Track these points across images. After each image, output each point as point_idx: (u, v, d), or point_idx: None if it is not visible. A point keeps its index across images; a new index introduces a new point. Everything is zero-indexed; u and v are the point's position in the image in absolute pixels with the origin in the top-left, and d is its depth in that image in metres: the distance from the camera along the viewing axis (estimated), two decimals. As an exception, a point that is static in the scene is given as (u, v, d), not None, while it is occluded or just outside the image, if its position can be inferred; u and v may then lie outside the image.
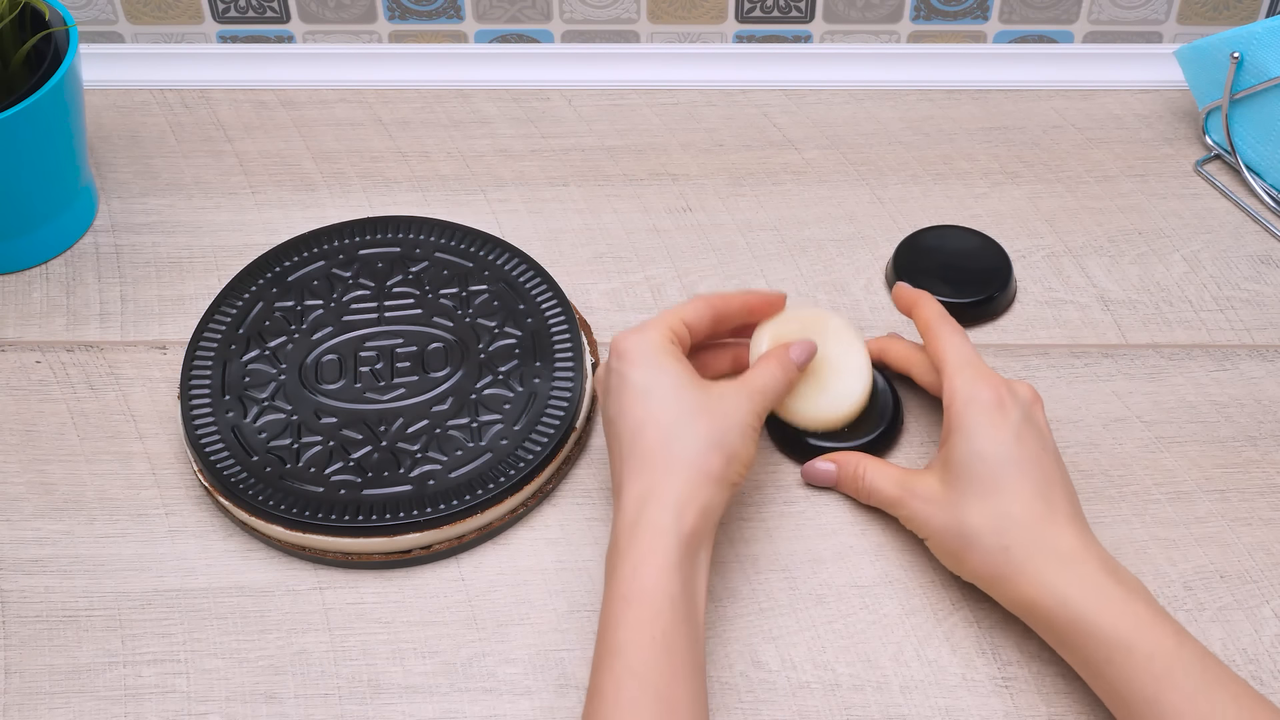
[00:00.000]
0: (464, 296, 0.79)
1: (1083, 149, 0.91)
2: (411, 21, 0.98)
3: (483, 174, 0.90)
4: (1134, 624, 0.61)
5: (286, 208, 0.89)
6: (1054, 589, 0.63)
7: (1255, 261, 0.85)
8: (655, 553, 0.62)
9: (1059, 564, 0.63)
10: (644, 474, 0.64)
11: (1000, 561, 0.64)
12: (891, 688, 0.66)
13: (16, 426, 0.77)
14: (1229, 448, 0.75)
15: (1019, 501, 0.65)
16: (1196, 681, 0.59)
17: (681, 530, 0.62)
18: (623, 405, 0.66)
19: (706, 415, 0.65)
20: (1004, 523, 0.64)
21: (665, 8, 0.97)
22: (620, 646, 0.60)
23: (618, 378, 0.67)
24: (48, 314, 0.83)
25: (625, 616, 0.60)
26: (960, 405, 0.67)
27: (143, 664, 0.68)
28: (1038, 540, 0.64)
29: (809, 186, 0.89)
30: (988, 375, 0.68)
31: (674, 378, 0.66)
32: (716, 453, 0.64)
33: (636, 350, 0.67)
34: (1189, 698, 0.59)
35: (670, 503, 0.63)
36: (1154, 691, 0.60)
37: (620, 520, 0.64)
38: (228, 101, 0.95)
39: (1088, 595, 0.62)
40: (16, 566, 0.71)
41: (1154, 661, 0.60)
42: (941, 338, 0.70)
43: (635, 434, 0.65)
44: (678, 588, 0.61)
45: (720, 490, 0.64)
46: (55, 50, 0.80)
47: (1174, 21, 0.97)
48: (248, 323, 0.78)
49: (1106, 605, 0.62)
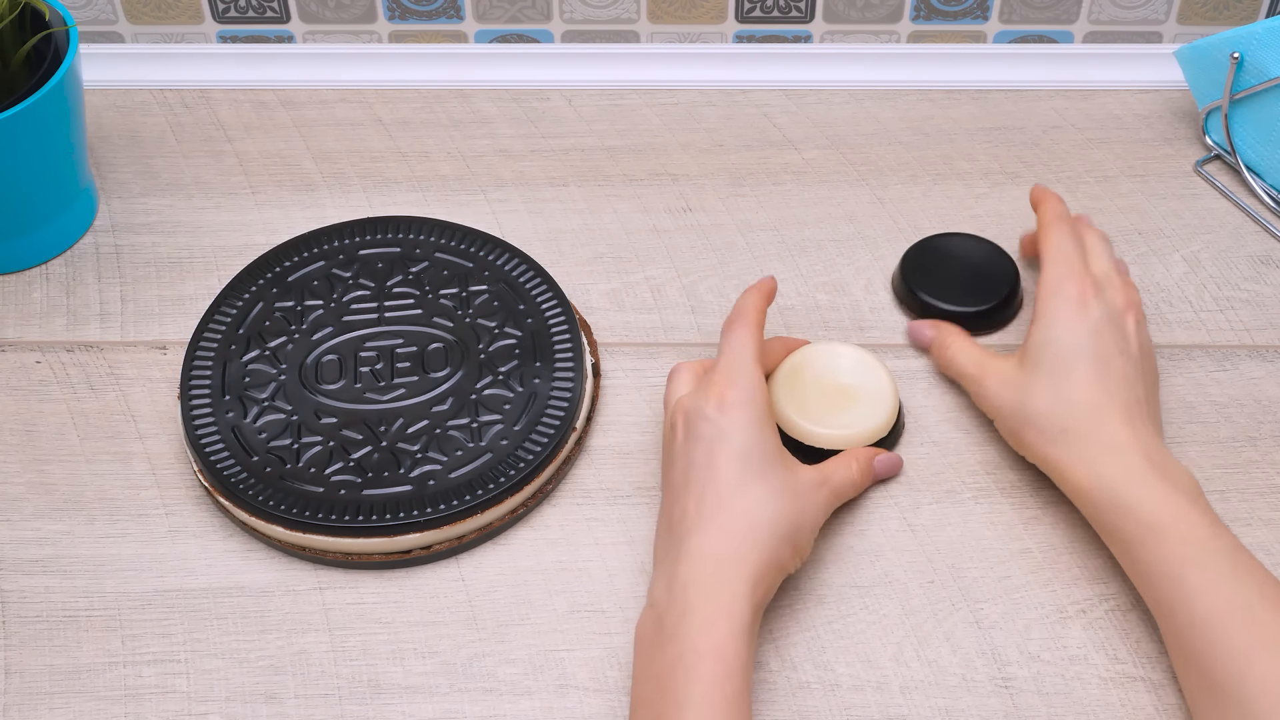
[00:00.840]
0: (464, 297, 0.79)
1: (1083, 149, 0.91)
2: (411, 21, 0.98)
3: (483, 174, 0.90)
4: (1171, 511, 0.64)
5: (286, 208, 0.89)
6: (1100, 474, 0.66)
7: (1255, 262, 0.85)
8: (732, 615, 0.61)
9: (1107, 452, 0.67)
10: (725, 537, 0.64)
11: (1057, 445, 0.68)
12: (891, 688, 0.66)
13: (16, 426, 0.77)
14: (1229, 448, 0.75)
15: (1081, 389, 0.68)
16: (1225, 568, 0.62)
17: (754, 603, 0.63)
18: (715, 460, 0.66)
19: (792, 504, 0.65)
20: (1063, 407, 0.68)
21: (665, 8, 0.97)
22: (693, 701, 0.59)
23: (715, 429, 0.66)
24: (48, 314, 0.83)
25: (699, 670, 0.60)
26: (1046, 295, 0.72)
27: (143, 664, 0.68)
28: (1093, 428, 0.68)
29: (809, 186, 0.89)
30: (1079, 273, 0.72)
31: (771, 451, 0.66)
32: (788, 545, 0.65)
33: (743, 411, 0.66)
34: (1214, 581, 0.62)
35: (749, 575, 0.63)
36: (1180, 571, 0.62)
37: (685, 570, 0.63)
38: (228, 101, 0.95)
39: (1131, 482, 0.65)
40: (16, 566, 0.71)
41: (1185, 545, 0.63)
42: (1049, 234, 0.74)
43: (720, 494, 0.65)
44: (746, 653, 0.61)
45: (779, 580, 0.66)
46: (55, 50, 0.80)
47: (1174, 21, 0.97)
48: (248, 323, 0.78)
49: (1147, 492, 0.65)
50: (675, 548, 0.64)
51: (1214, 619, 0.61)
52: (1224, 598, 0.61)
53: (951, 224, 0.87)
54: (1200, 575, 0.62)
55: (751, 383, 0.68)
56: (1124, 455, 0.66)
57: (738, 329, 0.70)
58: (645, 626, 0.63)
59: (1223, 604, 0.61)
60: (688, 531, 0.64)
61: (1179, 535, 0.63)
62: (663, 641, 0.61)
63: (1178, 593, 0.62)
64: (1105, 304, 0.71)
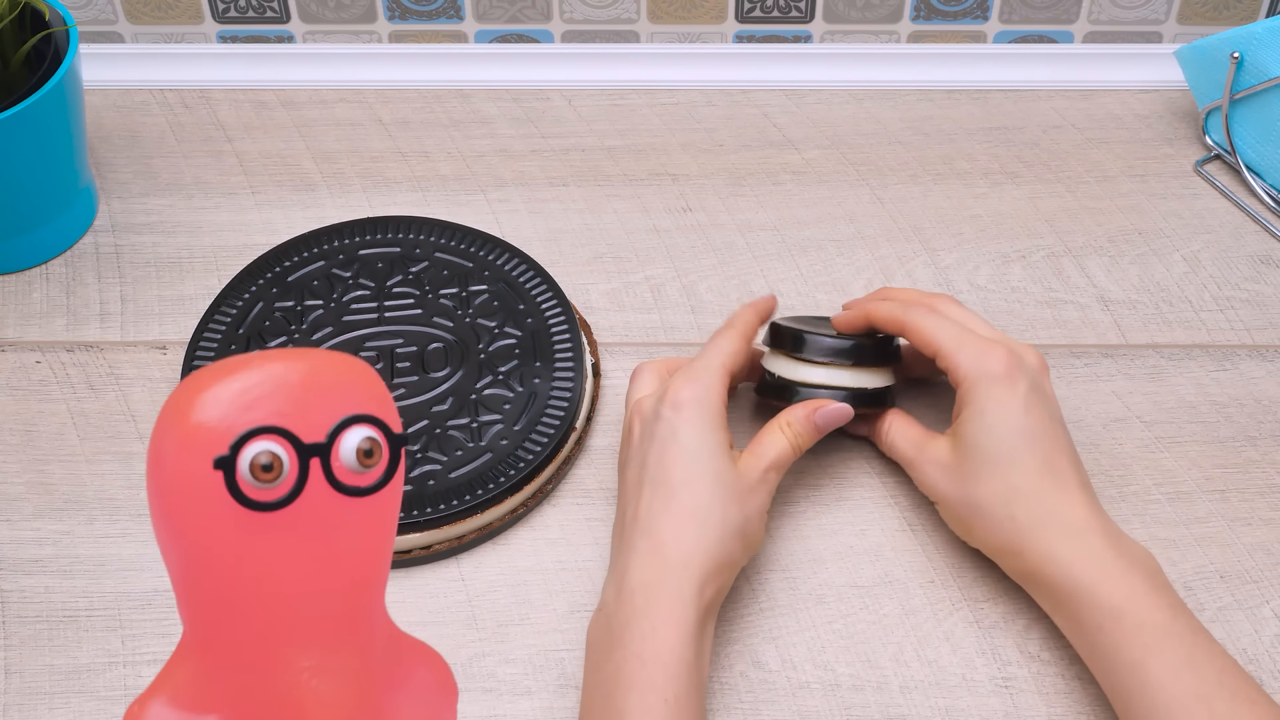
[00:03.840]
0: (464, 296, 0.79)
1: (1083, 149, 0.91)
2: (411, 21, 0.98)
3: (483, 174, 0.90)
4: (1128, 594, 0.61)
5: (286, 208, 0.89)
6: (1056, 559, 0.63)
7: (1255, 261, 0.85)
8: (676, 620, 0.61)
9: (1063, 535, 0.64)
10: (672, 536, 0.63)
11: (1007, 531, 0.65)
12: (891, 688, 0.66)
13: (16, 426, 0.77)
14: (1229, 448, 0.75)
15: (1027, 474, 0.65)
16: (1184, 655, 0.60)
17: (701, 603, 0.62)
18: (664, 456, 0.65)
19: (737, 500, 0.65)
20: (1011, 494, 0.65)
21: (665, 8, 0.97)
22: (631, 710, 0.59)
23: (667, 426, 0.66)
24: (48, 314, 0.83)
25: (638, 677, 0.59)
26: (970, 381, 0.67)
27: (143, 664, 0.68)
28: (1044, 512, 0.65)
29: (809, 186, 0.89)
30: (992, 346, 0.67)
31: (719, 449, 0.66)
32: (738, 541, 0.65)
33: (695, 410, 0.66)
34: (1174, 668, 0.59)
35: (696, 575, 0.62)
36: (1140, 657, 0.60)
37: (634, 573, 0.63)
38: (228, 101, 0.95)
39: (1088, 565, 0.63)
40: (16, 566, 0.71)
41: (1143, 631, 0.60)
42: (922, 329, 0.69)
43: (670, 492, 0.64)
44: (693, 655, 0.61)
45: (732, 574, 0.65)
46: (55, 50, 0.80)
47: (1174, 21, 0.97)
48: (248, 323, 0.78)
49: (1104, 575, 0.62)
50: (626, 549, 0.64)
51: (1173, 710, 0.59)
52: (1184, 686, 0.59)
53: (952, 223, 0.87)
54: (1161, 664, 0.59)
55: (710, 382, 0.67)
56: (1082, 536, 0.64)
57: (720, 335, 0.70)
58: (596, 630, 0.63)
59: (1181, 694, 0.59)
60: (638, 532, 0.64)
61: (1136, 621, 0.61)
62: (610, 646, 0.61)
63: (1137, 680, 0.60)
64: (1025, 372, 0.66)
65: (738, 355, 0.69)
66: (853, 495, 0.74)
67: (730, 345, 0.69)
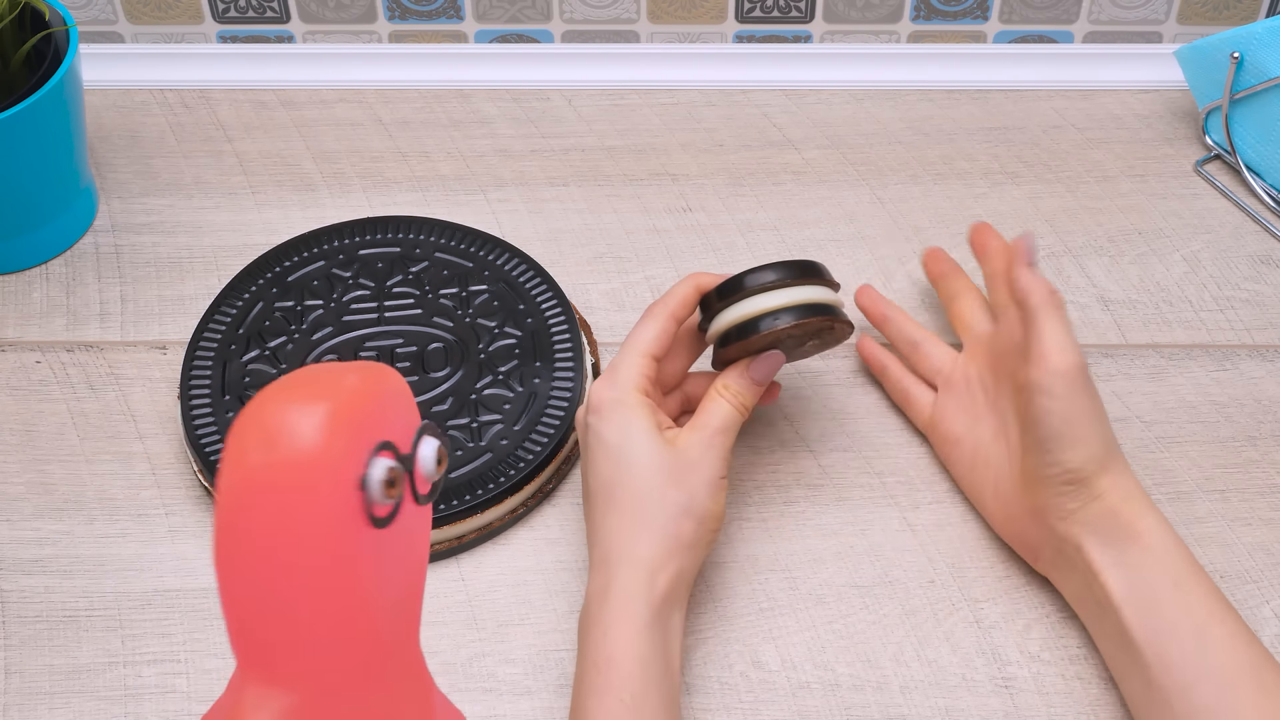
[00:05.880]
0: (464, 296, 0.79)
1: (1083, 149, 0.92)
2: (411, 21, 0.98)
3: (483, 174, 0.90)
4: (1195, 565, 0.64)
5: (286, 208, 0.89)
6: (1136, 498, 0.65)
7: (1255, 261, 0.85)
8: (626, 618, 0.61)
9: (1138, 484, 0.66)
10: (615, 537, 0.63)
11: (1099, 457, 0.65)
12: (891, 688, 0.66)
13: (16, 426, 0.77)
14: (1229, 448, 0.75)
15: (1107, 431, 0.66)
16: (1240, 625, 0.62)
17: (653, 596, 0.62)
18: (596, 463, 0.65)
19: (675, 478, 0.63)
20: (1103, 422, 0.66)
21: (665, 8, 0.97)
22: (590, 713, 0.59)
23: (593, 434, 0.65)
24: (48, 314, 0.83)
25: (595, 683, 0.60)
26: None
27: (143, 664, 0.68)
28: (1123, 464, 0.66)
29: (809, 186, 0.89)
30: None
31: (644, 434, 0.64)
32: (687, 519, 0.63)
33: (609, 405, 0.65)
34: (1232, 636, 0.61)
35: (643, 569, 0.62)
36: (1203, 622, 0.61)
37: (592, 584, 0.63)
38: (228, 101, 0.95)
39: (1163, 520, 0.64)
40: (16, 566, 0.71)
41: (1210, 598, 0.62)
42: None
43: (608, 495, 0.64)
44: (649, 650, 0.61)
45: (693, 553, 0.64)
46: (55, 50, 0.80)
47: (1174, 21, 0.97)
48: (248, 323, 0.78)
49: (1176, 539, 0.64)
50: (590, 562, 0.64)
51: (1227, 675, 0.60)
52: (1239, 656, 0.60)
53: (951, 223, 0.87)
54: (1221, 631, 0.61)
55: (628, 374, 0.65)
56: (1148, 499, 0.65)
57: (643, 319, 0.67)
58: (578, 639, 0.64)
59: (1235, 662, 0.60)
60: (592, 544, 0.64)
61: (1205, 589, 0.62)
62: (578, 658, 0.62)
63: (1194, 645, 0.60)
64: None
65: (657, 339, 0.66)
66: (853, 495, 0.74)
67: (646, 332, 0.67)
